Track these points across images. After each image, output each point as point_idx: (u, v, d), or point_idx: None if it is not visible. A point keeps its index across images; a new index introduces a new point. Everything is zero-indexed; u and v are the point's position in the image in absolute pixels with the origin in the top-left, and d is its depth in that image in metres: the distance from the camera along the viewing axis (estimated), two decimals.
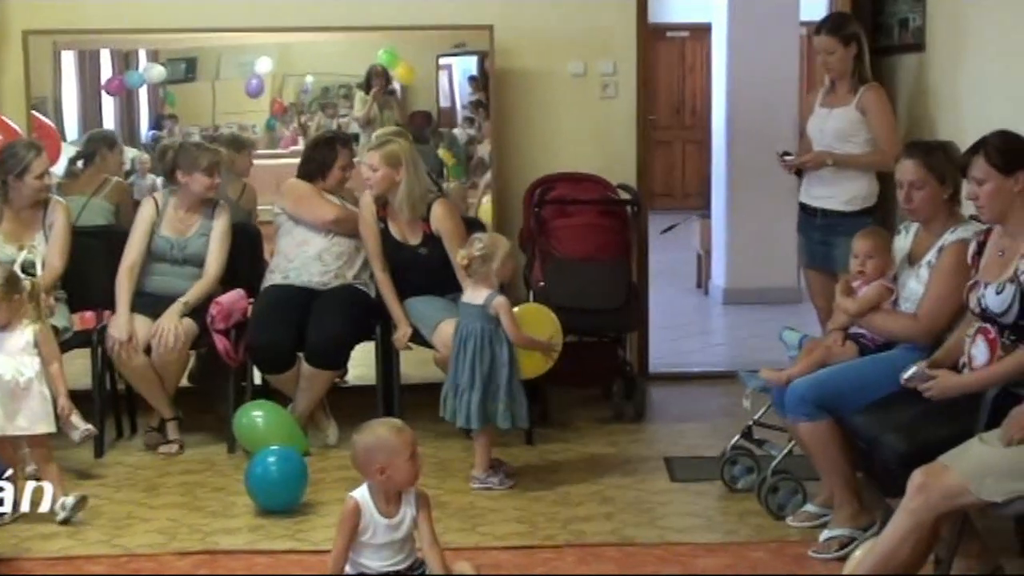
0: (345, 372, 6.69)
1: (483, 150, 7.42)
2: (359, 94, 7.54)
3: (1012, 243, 4.45)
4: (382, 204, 6.20)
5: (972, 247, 4.67)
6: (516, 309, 5.74)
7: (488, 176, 7.27)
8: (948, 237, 4.87)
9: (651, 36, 7.69)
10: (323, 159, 6.49)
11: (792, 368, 5.09)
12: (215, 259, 6.34)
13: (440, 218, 6.16)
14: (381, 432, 4.11)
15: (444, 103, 7.82)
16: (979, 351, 4.46)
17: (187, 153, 6.34)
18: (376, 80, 7.47)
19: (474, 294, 5.62)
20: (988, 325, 4.43)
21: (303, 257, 6.38)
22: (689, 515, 5.37)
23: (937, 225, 4.92)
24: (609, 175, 7.09)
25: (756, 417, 5.59)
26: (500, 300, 5.57)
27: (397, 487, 4.09)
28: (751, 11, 10.00)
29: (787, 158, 6.47)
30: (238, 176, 7.00)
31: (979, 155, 4.45)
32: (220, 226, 6.36)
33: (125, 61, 7.54)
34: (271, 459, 5.39)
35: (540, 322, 5.81)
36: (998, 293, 4.38)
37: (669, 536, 5.11)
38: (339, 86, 7.64)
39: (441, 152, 7.56)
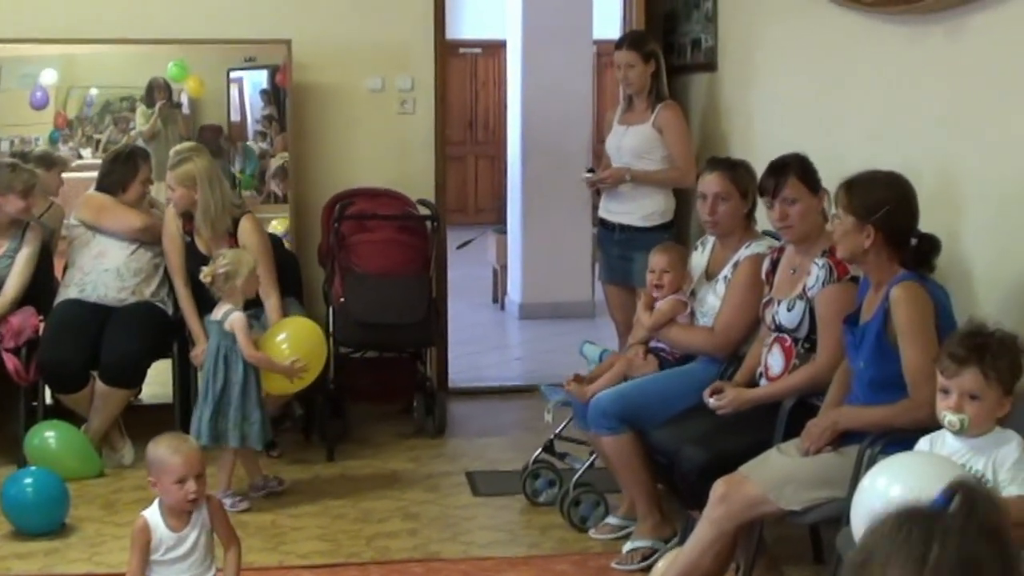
0: (139, 391, 6.54)
1: (275, 164, 7.34)
2: (140, 107, 7.36)
3: (803, 261, 4.59)
4: (188, 218, 6.09)
5: (766, 264, 4.80)
6: (281, 323, 5.66)
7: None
8: (743, 252, 5.00)
9: (445, 52, 7.72)
10: (123, 173, 6.35)
11: (594, 383, 5.14)
12: (15, 283, 6.14)
13: (246, 232, 6.06)
14: (159, 447, 3.98)
15: (235, 117, 7.69)
16: (775, 360, 4.59)
17: (1, 175, 6.13)
18: (158, 93, 7.31)
19: (217, 310, 5.55)
20: (784, 335, 4.56)
21: (99, 270, 6.22)
22: (493, 529, 5.39)
23: (734, 240, 5.05)
24: (408, 190, 7.08)
25: (558, 431, 5.64)
26: (235, 317, 5.48)
27: (170, 505, 3.99)
28: (545, 28, 10.09)
29: (587, 175, 6.56)
30: (46, 194, 6.74)
31: (790, 175, 4.58)
32: (28, 250, 6.20)
33: None
34: (27, 480, 5.28)
35: (298, 340, 5.68)
36: (789, 310, 4.52)
37: (473, 551, 5.12)
38: (121, 99, 7.43)
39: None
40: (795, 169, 4.58)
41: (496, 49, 15.09)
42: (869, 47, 5.13)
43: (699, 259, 5.25)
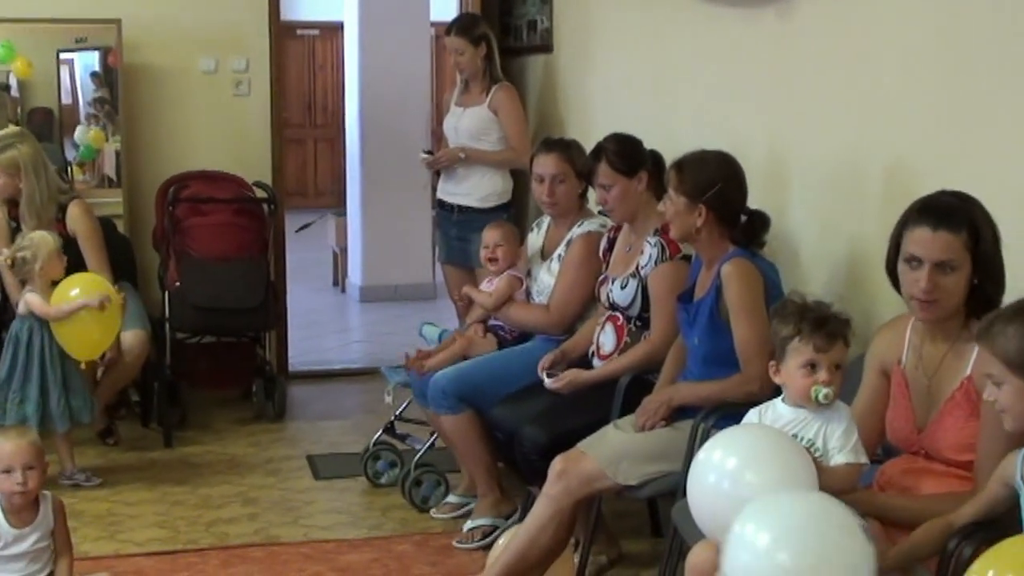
0: None
1: (108, 148, 7.20)
2: None
3: (637, 239, 4.66)
4: (14, 204, 5.93)
5: (603, 243, 4.86)
6: (70, 279, 5.48)
7: None
8: (576, 231, 5.05)
9: (282, 33, 7.64)
10: None
11: (433, 358, 5.15)
12: None
13: (75, 219, 5.93)
14: None
15: (66, 100, 7.52)
16: (607, 338, 4.66)
17: None
18: None
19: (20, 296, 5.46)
20: (617, 313, 4.62)
21: None
22: (333, 512, 5.37)
23: (568, 219, 5.10)
24: (244, 173, 6.99)
25: (398, 412, 5.65)
26: (28, 296, 5.39)
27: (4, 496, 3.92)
28: (382, 10, 10.05)
29: (424, 155, 6.56)
30: None
31: (601, 162, 4.65)
32: None
33: None
34: None
35: (89, 288, 5.46)
36: (622, 288, 4.59)
37: (314, 534, 5.11)
38: None
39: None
40: (606, 155, 4.66)
41: (334, 31, 14.99)
42: (703, 29, 5.22)
43: (535, 239, 5.30)
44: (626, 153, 4.67)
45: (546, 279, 5.12)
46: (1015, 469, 2.80)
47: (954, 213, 3.13)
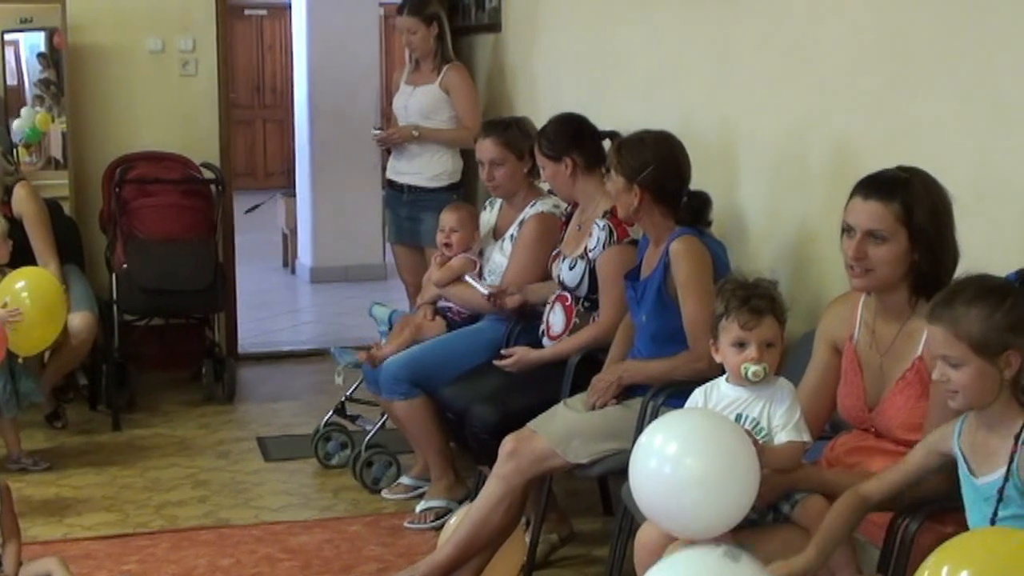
0: None
1: (55, 130, 7.13)
2: None
3: (587, 221, 4.66)
4: None
5: (563, 218, 4.89)
6: (19, 272, 5.43)
7: None
8: (528, 211, 5.05)
9: (229, 13, 7.58)
10: None
11: (384, 348, 5.14)
12: None
13: (21, 201, 5.89)
14: None
15: (11, 81, 7.46)
16: (556, 319, 4.66)
17: None
18: None
19: None
20: (566, 293, 4.63)
21: None
22: (284, 494, 5.36)
23: (519, 199, 5.10)
24: (191, 154, 6.95)
25: (348, 393, 5.64)
26: None
27: None
28: None
29: (376, 131, 6.54)
30: None
31: (535, 144, 4.71)
32: None
33: None
34: None
35: (36, 292, 5.37)
36: (571, 268, 4.59)
37: (265, 516, 5.09)
38: None
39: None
40: (538, 138, 4.75)
41: (281, 11, 14.94)
42: (650, 8, 5.23)
43: (487, 218, 5.29)
44: (554, 137, 4.69)
45: (498, 259, 5.12)
46: (952, 439, 2.83)
47: (889, 185, 3.15)
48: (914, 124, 3.67)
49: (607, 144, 4.61)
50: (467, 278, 5.06)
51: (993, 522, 2.69)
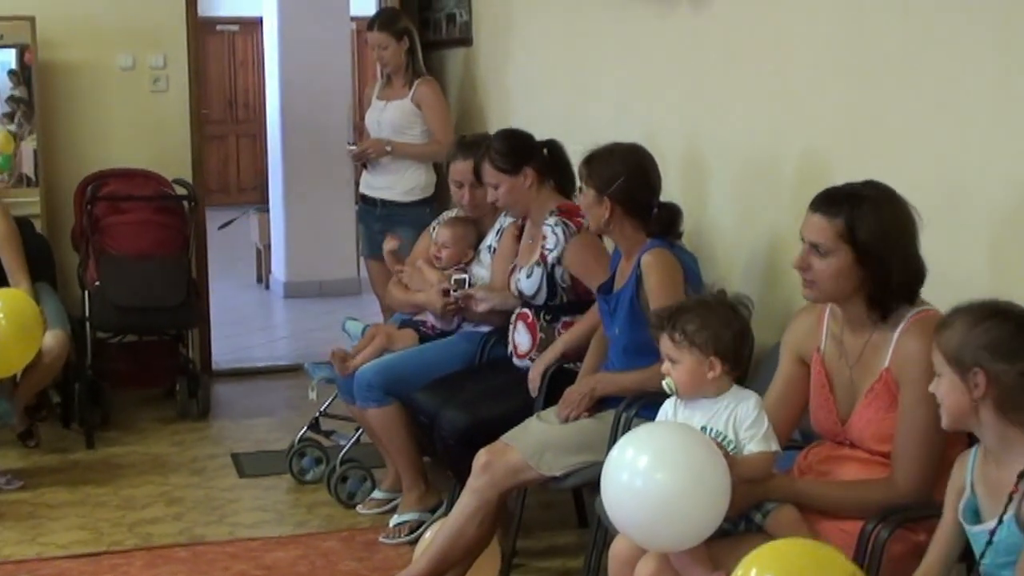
0: None
1: (27, 147, 7.10)
2: None
3: (537, 229, 4.69)
4: None
5: (515, 232, 4.90)
6: None
7: None
8: (506, 220, 5.06)
9: (201, 29, 7.58)
10: None
11: (356, 357, 5.13)
12: None
13: None
14: None
15: None
16: (521, 338, 4.69)
17: None
18: None
19: None
20: (526, 310, 4.65)
21: None
22: (259, 510, 5.35)
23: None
24: (163, 170, 6.93)
25: (323, 408, 5.63)
26: None
27: None
28: (301, 5, 10.00)
29: (351, 147, 6.55)
30: None
31: (485, 161, 4.70)
32: None
33: None
34: None
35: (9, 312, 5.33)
36: (528, 276, 4.62)
37: (240, 532, 5.08)
38: None
39: None
40: (489, 154, 4.72)
41: (253, 26, 14.89)
42: (620, 21, 5.24)
43: (490, 240, 5.29)
44: (509, 151, 4.71)
45: (476, 271, 5.13)
46: (966, 474, 2.80)
47: (838, 201, 3.15)
48: (882, 136, 3.69)
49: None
50: (452, 274, 5.07)
51: (975, 567, 2.67)
